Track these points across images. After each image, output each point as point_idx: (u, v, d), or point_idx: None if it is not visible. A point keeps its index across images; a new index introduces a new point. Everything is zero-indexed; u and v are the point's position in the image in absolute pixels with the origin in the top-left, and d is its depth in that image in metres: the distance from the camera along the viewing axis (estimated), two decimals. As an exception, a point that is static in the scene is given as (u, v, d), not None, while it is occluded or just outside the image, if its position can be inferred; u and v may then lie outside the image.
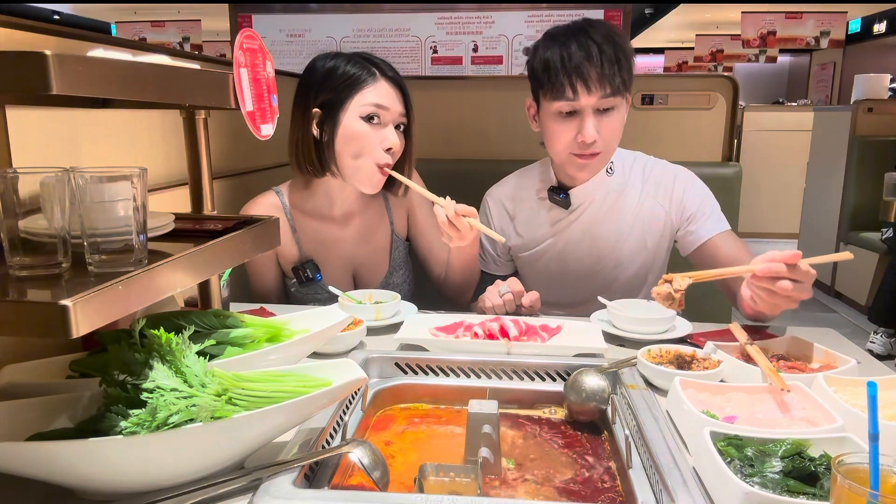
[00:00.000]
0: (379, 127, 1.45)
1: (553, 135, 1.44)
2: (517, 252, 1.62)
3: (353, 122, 1.43)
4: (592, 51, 1.35)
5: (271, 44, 3.00)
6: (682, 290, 1.12)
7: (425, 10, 2.98)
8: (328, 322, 0.99)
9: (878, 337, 3.69)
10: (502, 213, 1.63)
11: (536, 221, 1.58)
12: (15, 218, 0.66)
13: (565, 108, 1.39)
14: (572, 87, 1.35)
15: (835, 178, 4.77)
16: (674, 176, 1.53)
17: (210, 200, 1.02)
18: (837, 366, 1.06)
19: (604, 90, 1.35)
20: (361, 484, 0.83)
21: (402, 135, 1.49)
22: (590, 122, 1.37)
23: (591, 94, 1.35)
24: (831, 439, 0.78)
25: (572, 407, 1.01)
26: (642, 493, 0.77)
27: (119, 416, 0.70)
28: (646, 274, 1.57)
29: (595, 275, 1.55)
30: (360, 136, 1.43)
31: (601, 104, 1.37)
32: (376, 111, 1.43)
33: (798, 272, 1.07)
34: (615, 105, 1.39)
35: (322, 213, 1.58)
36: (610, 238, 1.53)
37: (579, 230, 1.54)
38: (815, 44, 8.10)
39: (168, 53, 1.47)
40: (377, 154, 1.44)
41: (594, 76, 1.34)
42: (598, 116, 1.39)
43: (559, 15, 2.93)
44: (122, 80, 0.69)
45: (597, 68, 1.34)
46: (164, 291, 0.73)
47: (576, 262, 1.56)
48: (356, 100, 1.43)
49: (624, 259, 1.54)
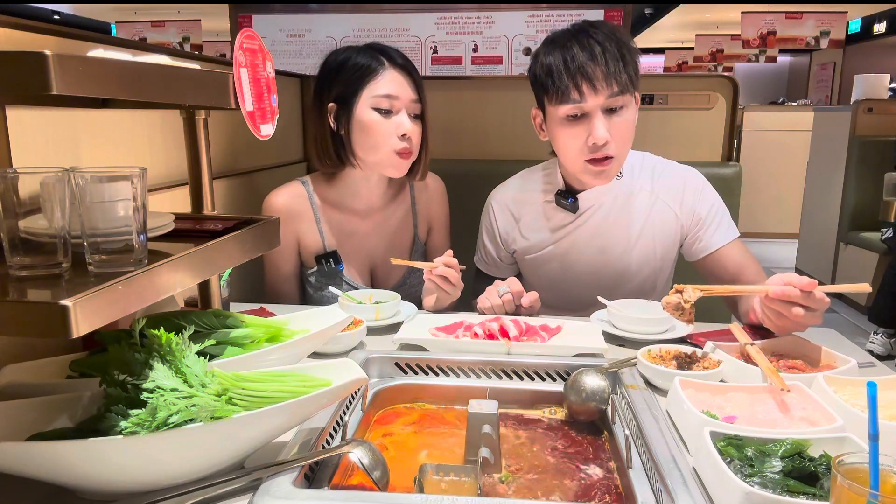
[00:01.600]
0: (392, 115, 1.47)
1: (563, 141, 1.39)
2: (522, 255, 1.59)
3: (366, 113, 1.46)
4: (595, 50, 1.31)
5: (271, 44, 3.00)
6: (691, 302, 1.11)
7: (425, 10, 2.98)
8: (328, 322, 0.99)
9: (878, 337, 3.69)
10: (507, 217, 1.59)
11: (542, 225, 1.55)
12: (15, 218, 0.66)
13: (573, 112, 1.34)
14: (578, 89, 1.31)
15: (835, 178, 4.77)
16: (684, 179, 1.49)
17: (210, 200, 1.02)
18: (837, 366, 1.06)
19: (611, 88, 1.31)
20: (361, 484, 0.83)
21: (416, 121, 1.50)
22: (599, 122, 1.32)
23: (597, 94, 1.31)
24: (831, 439, 0.78)
25: (572, 407, 1.01)
26: (642, 493, 0.77)
27: (119, 416, 0.70)
28: (654, 280, 1.53)
29: (601, 279, 1.51)
30: (373, 127, 1.46)
31: (609, 104, 1.32)
32: (387, 101, 1.45)
33: (812, 300, 1.06)
34: (624, 104, 1.34)
35: (345, 204, 1.61)
36: (618, 242, 1.49)
37: (586, 234, 1.50)
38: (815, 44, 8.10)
39: (168, 53, 1.47)
40: (392, 141, 1.46)
41: (599, 75, 1.30)
42: (608, 117, 1.34)
43: (559, 15, 2.93)
44: (122, 80, 0.69)
45: (601, 66, 1.30)
46: (164, 291, 0.73)
47: (581, 266, 1.52)
48: (367, 91, 1.45)
49: (632, 263, 1.50)
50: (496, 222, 1.60)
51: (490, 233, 1.62)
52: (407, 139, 1.47)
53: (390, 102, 1.45)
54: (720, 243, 1.45)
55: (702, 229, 1.47)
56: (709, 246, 1.46)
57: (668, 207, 1.49)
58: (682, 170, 1.53)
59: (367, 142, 1.48)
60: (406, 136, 1.47)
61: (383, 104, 1.45)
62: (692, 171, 1.52)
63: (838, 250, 4.79)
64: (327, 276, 1.58)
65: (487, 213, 1.62)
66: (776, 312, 1.09)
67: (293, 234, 1.58)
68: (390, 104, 1.46)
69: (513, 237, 1.58)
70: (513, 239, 1.58)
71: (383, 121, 1.46)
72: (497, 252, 1.62)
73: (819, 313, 1.08)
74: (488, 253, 1.63)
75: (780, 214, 6.52)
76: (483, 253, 1.65)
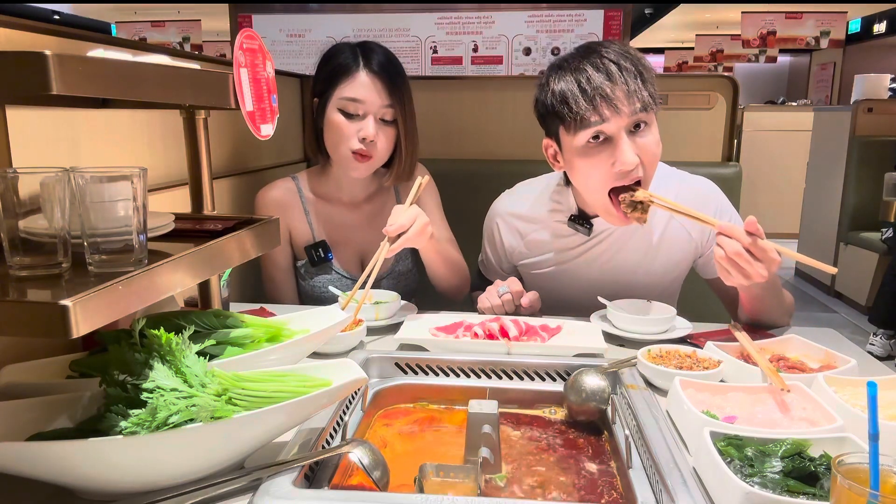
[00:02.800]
0: (358, 119, 1.49)
1: (586, 171, 1.29)
2: (526, 269, 1.55)
3: (333, 112, 1.50)
4: (611, 69, 1.23)
5: (271, 44, 3.00)
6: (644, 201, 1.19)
7: (425, 10, 2.98)
8: (328, 322, 0.99)
9: (877, 339, 3.69)
10: (513, 234, 1.54)
11: (550, 243, 1.49)
12: (15, 218, 0.66)
13: (595, 135, 1.24)
14: (598, 112, 1.22)
15: (835, 178, 4.77)
16: (706, 199, 1.43)
17: (210, 200, 1.02)
18: (837, 366, 1.06)
19: (633, 107, 1.21)
20: (361, 484, 0.83)
21: (387, 126, 1.51)
22: (625, 145, 1.22)
23: (620, 115, 1.22)
24: (831, 439, 0.78)
25: (572, 407, 1.01)
26: (642, 493, 0.77)
27: (119, 416, 0.70)
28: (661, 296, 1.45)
29: (611, 295, 1.40)
30: (336, 127, 1.50)
31: (632, 122, 1.23)
32: (352, 104, 1.48)
33: (757, 248, 1.10)
34: (647, 121, 1.25)
35: (333, 197, 1.66)
36: (630, 261, 1.45)
37: (597, 253, 1.46)
38: (815, 44, 8.10)
39: (168, 53, 1.47)
40: (351, 143, 1.49)
41: (620, 95, 1.21)
42: (632, 138, 1.24)
43: (559, 15, 2.93)
44: (122, 80, 0.69)
45: (621, 86, 1.21)
46: (164, 291, 0.73)
47: (588, 282, 1.47)
48: (337, 91, 1.49)
49: (641, 282, 1.46)
50: (500, 237, 1.56)
51: (493, 245, 1.59)
52: (368, 143, 1.49)
53: (356, 106, 1.48)
54: None
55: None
56: None
57: (682, 228, 1.44)
58: (698, 186, 1.47)
59: (330, 140, 1.53)
60: (366, 140, 1.48)
61: (349, 107, 1.48)
62: (712, 190, 1.47)
63: (838, 250, 4.79)
64: (318, 267, 1.62)
65: (491, 226, 1.58)
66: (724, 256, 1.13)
67: (284, 225, 1.62)
68: (356, 108, 1.48)
69: (518, 252, 1.55)
70: (518, 254, 1.55)
71: (346, 123, 1.49)
72: (499, 262, 1.61)
73: (765, 266, 1.11)
74: (490, 261, 1.63)
75: (780, 214, 6.51)
76: (485, 259, 1.65)
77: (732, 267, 1.13)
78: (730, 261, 1.13)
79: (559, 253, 1.49)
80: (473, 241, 1.70)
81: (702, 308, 1.54)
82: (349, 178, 1.62)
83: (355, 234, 1.66)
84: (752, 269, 1.11)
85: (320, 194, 1.66)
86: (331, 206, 1.66)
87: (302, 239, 1.64)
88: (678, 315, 1.32)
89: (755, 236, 1.11)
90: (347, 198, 1.66)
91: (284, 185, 1.64)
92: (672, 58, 11.55)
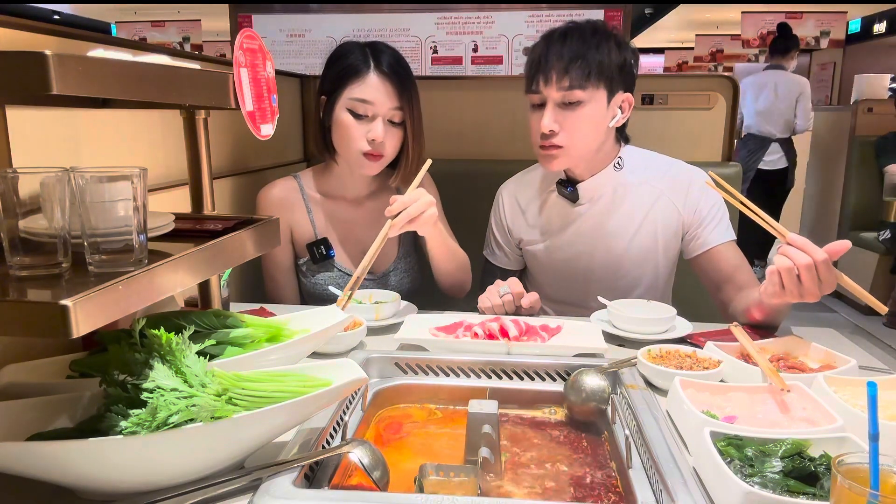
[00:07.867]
0: (366, 120, 1.49)
1: (530, 126, 1.48)
2: (526, 245, 1.63)
3: (342, 112, 1.50)
4: (557, 45, 1.39)
5: (271, 44, 3.00)
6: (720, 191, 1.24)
7: (425, 10, 2.97)
8: (328, 322, 0.99)
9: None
10: (514, 207, 1.64)
11: (545, 215, 1.60)
12: (15, 218, 0.66)
13: (534, 100, 1.44)
14: (534, 80, 1.41)
15: (835, 178, 4.77)
16: (690, 177, 1.52)
17: (210, 200, 1.02)
18: (837, 366, 1.06)
19: (561, 83, 1.37)
20: (361, 484, 0.83)
21: (395, 128, 1.52)
22: (549, 112, 1.40)
23: (549, 86, 1.39)
24: (831, 439, 0.78)
25: (572, 407, 1.01)
26: (642, 493, 0.77)
27: (119, 416, 0.70)
28: (655, 275, 1.56)
29: (604, 270, 1.55)
30: (345, 127, 1.50)
31: (566, 97, 1.39)
32: (362, 106, 1.48)
33: (824, 269, 1.07)
34: (582, 99, 1.39)
35: (336, 194, 1.67)
36: (619, 232, 1.53)
37: (588, 224, 1.55)
38: (815, 44, 8.10)
39: (168, 53, 1.47)
40: (361, 144, 1.50)
41: (555, 68, 1.38)
42: (562, 110, 1.40)
43: (559, 15, 2.93)
44: (122, 80, 0.69)
45: (561, 61, 1.37)
46: (164, 291, 0.73)
47: (585, 256, 1.56)
48: (346, 91, 1.49)
49: (634, 255, 1.53)
50: (504, 212, 1.66)
51: (498, 222, 1.68)
52: (377, 144, 1.49)
53: (365, 107, 1.48)
54: (716, 241, 1.48)
55: (701, 226, 1.50)
56: (706, 243, 1.49)
57: (671, 204, 1.52)
58: (690, 169, 1.56)
59: (339, 140, 1.53)
60: (375, 142, 1.49)
61: (358, 108, 1.48)
62: (699, 172, 1.54)
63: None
64: (319, 264, 1.62)
65: (497, 204, 1.69)
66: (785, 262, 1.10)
67: (285, 224, 1.62)
68: (365, 109, 1.48)
69: (518, 226, 1.64)
70: (518, 228, 1.64)
71: (356, 124, 1.49)
72: (504, 241, 1.67)
73: (822, 288, 1.09)
74: (497, 242, 1.68)
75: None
76: (492, 243, 1.70)
77: (791, 280, 1.10)
78: (790, 273, 1.09)
79: (553, 223, 1.58)
80: (473, 241, 1.70)
81: (702, 308, 1.53)
82: (355, 176, 1.62)
83: (358, 232, 1.67)
84: (812, 288, 1.08)
85: (323, 192, 1.66)
86: (334, 204, 1.66)
87: (304, 236, 1.64)
88: (678, 315, 1.32)
89: (828, 258, 1.07)
90: (351, 195, 1.67)
91: (286, 183, 1.65)
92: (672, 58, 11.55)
